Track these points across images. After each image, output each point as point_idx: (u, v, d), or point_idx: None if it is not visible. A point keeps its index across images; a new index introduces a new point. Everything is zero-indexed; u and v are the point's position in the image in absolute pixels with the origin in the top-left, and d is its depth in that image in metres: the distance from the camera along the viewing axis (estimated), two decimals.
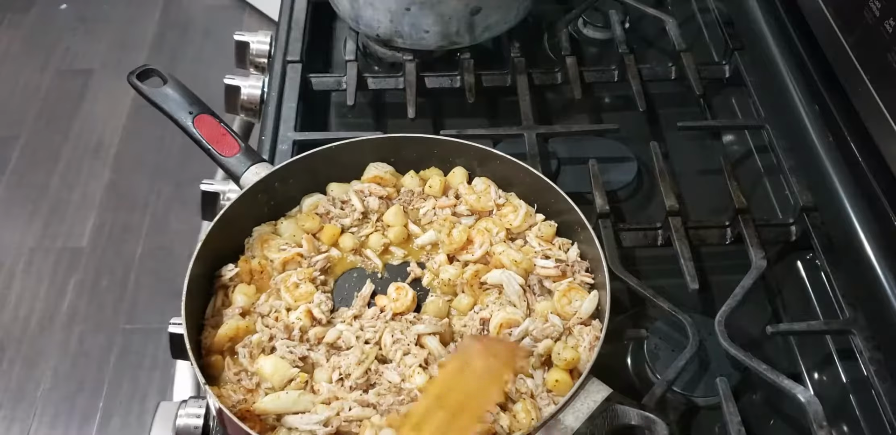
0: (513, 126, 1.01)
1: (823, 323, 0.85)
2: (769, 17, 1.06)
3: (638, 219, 0.97)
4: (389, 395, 0.70)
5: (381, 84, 1.09)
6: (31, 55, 2.74)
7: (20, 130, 2.50)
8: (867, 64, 0.84)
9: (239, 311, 0.77)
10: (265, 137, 1.00)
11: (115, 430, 1.88)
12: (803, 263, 0.93)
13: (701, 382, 0.80)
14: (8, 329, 2.05)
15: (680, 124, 1.02)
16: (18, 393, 1.94)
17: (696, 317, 0.81)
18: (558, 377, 0.72)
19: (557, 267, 0.79)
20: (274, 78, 1.07)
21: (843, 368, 0.84)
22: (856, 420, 0.80)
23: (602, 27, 1.19)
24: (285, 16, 1.16)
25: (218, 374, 0.73)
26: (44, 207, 2.31)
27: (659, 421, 0.69)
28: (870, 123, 0.85)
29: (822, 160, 0.90)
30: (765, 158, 1.04)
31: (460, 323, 0.78)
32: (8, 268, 2.18)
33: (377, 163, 0.89)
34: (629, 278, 0.83)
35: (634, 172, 1.01)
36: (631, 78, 1.07)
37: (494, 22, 1.07)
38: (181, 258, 0.77)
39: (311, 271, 0.80)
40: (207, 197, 1.06)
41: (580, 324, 0.76)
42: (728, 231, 0.92)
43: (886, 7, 0.79)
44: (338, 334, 0.75)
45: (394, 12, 1.03)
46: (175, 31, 2.83)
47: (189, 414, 0.78)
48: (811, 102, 0.95)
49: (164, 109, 0.87)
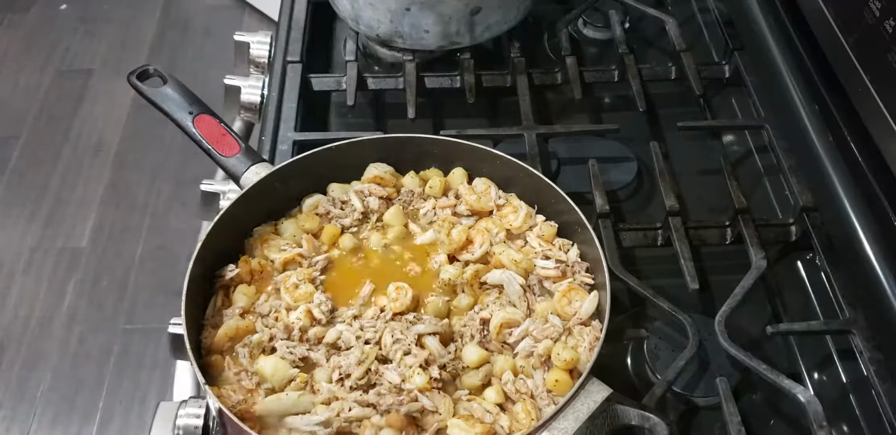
0: (513, 126, 1.01)
1: (823, 323, 0.85)
2: (769, 17, 1.06)
3: (638, 219, 0.97)
4: (389, 395, 0.70)
5: (381, 84, 1.09)
6: (31, 55, 2.74)
7: (20, 130, 2.50)
8: (867, 64, 0.84)
9: (239, 311, 0.77)
10: (265, 137, 1.00)
11: (115, 430, 1.88)
12: (803, 263, 0.93)
13: (701, 382, 0.80)
14: (8, 329, 2.05)
15: (680, 124, 1.02)
16: (18, 393, 1.94)
17: (696, 317, 0.81)
18: (558, 377, 0.72)
19: (557, 268, 0.79)
20: (274, 78, 1.07)
21: (843, 368, 0.84)
22: (856, 420, 0.80)
23: (602, 27, 1.19)
24: (285, 16, 1.16)
25: (218, 374, 0.73)
26: (44, 207, 2.31)
27: (659, 421, 0.69)
28: (870, 123, 0.85)
29: (822, 160, 0.90)
30: (765, 158, 1.04)
31: (460, 323, 0.78)
32: (8, 268, 2.18)
33: (377, 163, 0.89)
34: (629, 278, 0.83)
35: (634, 172, 1.01)
36: (631, 78, 1.07)
37: (494, 22, 1.07)
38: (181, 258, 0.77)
39: (311, 271, 0.80)
40: (207, 197, 1.06)
41: (580, 324, 0.76)
42: (728, 231, 0.92)
43: (886, 7, 0.79)
44: (338, 335, 0.75)
45: (394, 12, 1.03)
46: (175, 31, 2.83)
47: (189, 414, 0.78)
48: (811, 102, 0.95)
49: (164, 109, 0.87)
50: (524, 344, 0.74)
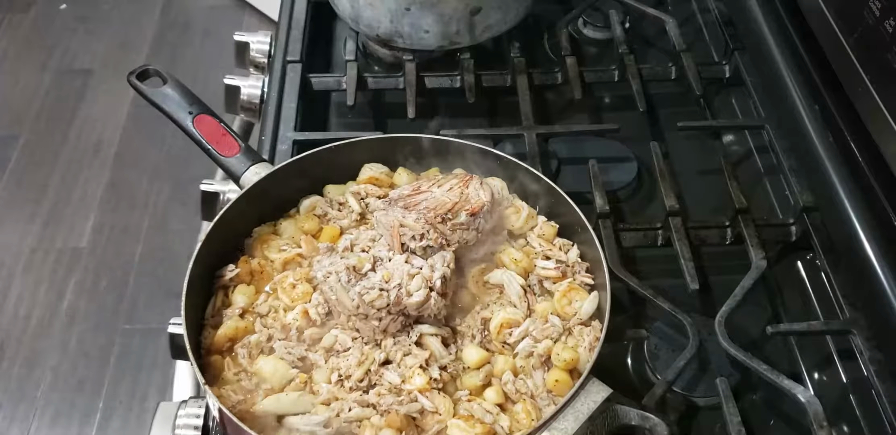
0: (513, 126, 1.01)
1: (823, 323, 0.85)
2: (769, 17, 1.06)
3: (638, 219, 0.97)
4: (389, 395, 0.70)
5: (381, 84, 1.09)
6: (30, 55, 2.74)
7: (20, 130, 2.50)
8: (867, 64, 0.84)
9: (239, 311, 0.77)
10: (265, 137, 1.00)
11: (115, 430, 1.88)
12: (803, 263, 0.93)
13: (701, 382, 0.80)
14: (8, 329, 2.05)
15: (680, 124, 1.02)
16: (18, 393, 1.94)
17: (696, 317, 0.81)
18: (558, 377, 0.72)
19: (558, 268, 0.79)
20: (274, 78, 1.07)
21: (843, 368, 0.84)
22: (856, 420, 0.80)
23: (602, 27, 1.19)
24: (285, 16, 1.16)
25: (218, 374, 0.73)
26: (43, 207, 2.31)
27: (659, 421, 0.69)
28: (870, 123, 0.85)
29: (822, 160, 0.90)
30: (765, 158, 1.04)
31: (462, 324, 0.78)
32: (8, 268, 2.18)
33: (371, 163, 0.88)
34: (629, 279, 0.83)
35: (634, 172, 1.01)
36: (631, 78, 1.07)
37: (494, 22, 1.07)
38: (181, 258, 0.77)
39: (309, 271, 0.80)
40: (207, 197, 1.06)
41: (580, 324, 0.76)
42: (728, 231, 0.92)
43: (886, 7, 0.79)
44: (333, 339, 0.75)
45: (394, 12, 1.03)
46: (175, 31, 2.83)
47: (189, 414, 0.78)
48: (811, 102, 0.95)
49: (163, 109, 0.87)
50: (524, 344, 0.74)
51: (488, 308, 0.77)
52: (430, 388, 0.71)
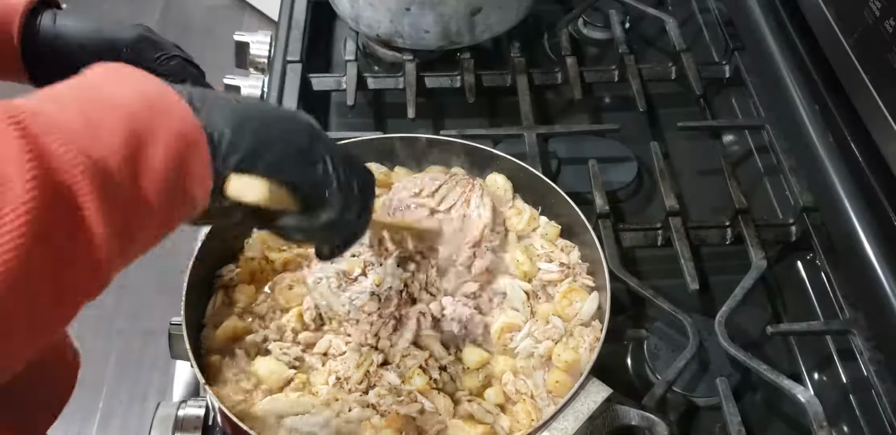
0: (513, 126, 1.01)
1: (823, 323, 0.85)
2: (769, 17, 1.06)
3: (638, 219, 0.97)
4: (389, 395, 0.70)
5: (381, 84, 1.09)
6: None
7: None
8: (867, 64, 0.84)
9: (238, 311, 0.77)
10: None
11: (115, 430, 1.88)
12: (803, 263, 0.93)
13: (701, 383, 0.80)
14: None
15: (680, 124, 1.02)
16: None
17: (696, 317, 0.81)
18: (558, 378, 0.72)
19: (561, 271, 0.79)
20: (274, 78, 1.07)
21: (843, 368, 0.84)
22: (856, 420, 0.80)
23: (602, 27, 1.19)
24: (285, 16, 1.16)
25: (217, 374, 0.73)
26: None
27: (659, 421, 0.69)
28: (870, 123, 0.85)
29: (822, 160, 0.90)
30: (765, 158, 1.04)
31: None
32: None
33: (371, 163, 0.88)
34: (629, 279, 0.83)
35: (634, 172, 1.01)
36: (631, 78, 1.07)
37: (494, 22, 1.07)
38: (181, 258, 0.77)
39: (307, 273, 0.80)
40: None
41: (580, 325, 0.76)
42: (728, 231, 0.92)
43: (886, 7, 0.79)
44: (328, 344, 0.75)
45: (394, 12, 1.03)
46: (175, 31, 2.82)
47: (189, 414, 0.78)
48: (811, 102, 0.95)
49: None
50: (525, 344, 0.74)
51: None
52: (429, 388, 0.71)
